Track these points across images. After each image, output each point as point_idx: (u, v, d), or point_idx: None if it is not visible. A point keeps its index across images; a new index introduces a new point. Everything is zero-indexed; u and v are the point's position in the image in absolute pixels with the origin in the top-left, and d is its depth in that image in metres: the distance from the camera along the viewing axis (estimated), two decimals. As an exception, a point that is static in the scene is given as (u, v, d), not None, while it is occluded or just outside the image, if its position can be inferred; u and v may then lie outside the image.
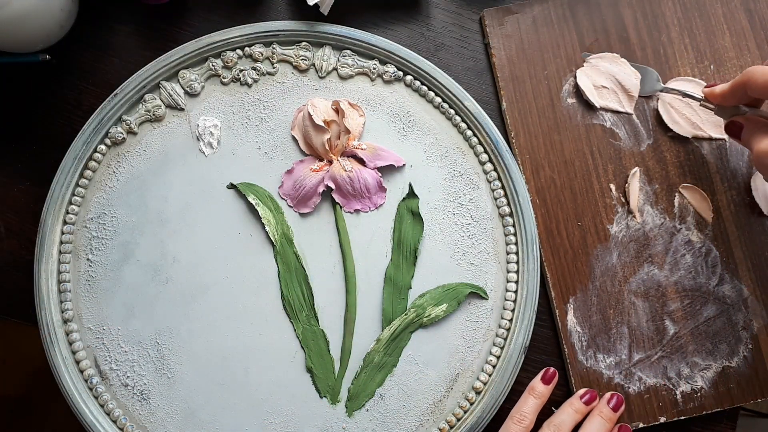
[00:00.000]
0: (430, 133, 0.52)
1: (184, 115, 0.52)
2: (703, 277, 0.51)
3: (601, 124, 0.53)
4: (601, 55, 0.53)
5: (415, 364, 0.50)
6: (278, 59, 0.53)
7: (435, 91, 0.52)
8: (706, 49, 0.54)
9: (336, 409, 0.50)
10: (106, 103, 0.51)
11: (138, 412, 0.49)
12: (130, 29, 0.54)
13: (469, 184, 0.52)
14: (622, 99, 0.52)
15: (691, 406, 0.50)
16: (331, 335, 0.50)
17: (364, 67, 0.53)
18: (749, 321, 0.51)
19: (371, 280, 0.50)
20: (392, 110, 0.52)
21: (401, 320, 0.50)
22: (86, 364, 0.49)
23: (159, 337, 0.50)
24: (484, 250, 0.51)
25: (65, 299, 0.50)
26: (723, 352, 0.50)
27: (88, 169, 0.51)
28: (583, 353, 0.50)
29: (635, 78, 0.52)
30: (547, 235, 0.52)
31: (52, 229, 0.50)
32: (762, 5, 0.54)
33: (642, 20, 0.54)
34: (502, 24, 0.54)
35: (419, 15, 0.55)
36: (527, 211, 0.51)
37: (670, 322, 0.51)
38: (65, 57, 0.53)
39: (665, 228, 0.52)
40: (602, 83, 0.52)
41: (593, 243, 0.52)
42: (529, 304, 0.50)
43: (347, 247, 0.51)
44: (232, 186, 0.51)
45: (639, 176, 0.52)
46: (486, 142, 0.52)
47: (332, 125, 0.51)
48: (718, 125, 0.53)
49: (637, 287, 0.51)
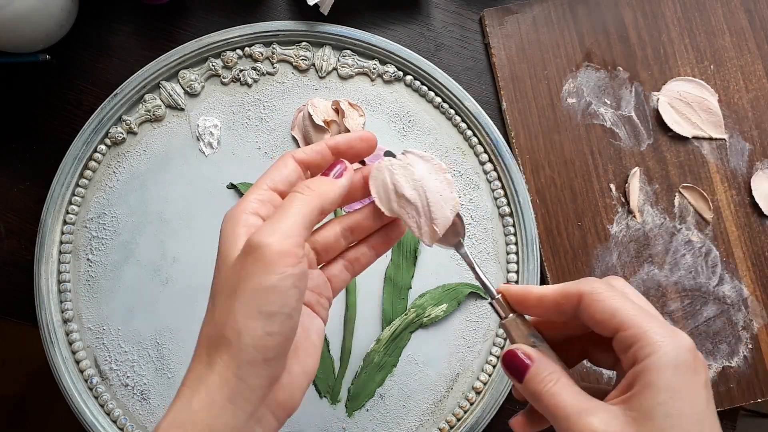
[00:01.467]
0: (430, 133, 0.52)
1: (184, 115, 0.52)
2: (703, 277, 0.51)
3: (601, 124, 0.53)
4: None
5: (415, 364, 0.50)
6: (278, 59, 0.52)
7: (435, 91, 0.52)
8: (707, 49, 0.54)
9: (336, 409, 0.50)
10: (106, 103, 0.51)
11: (138, 412, 0.49)
12: (130, 29, 0.54)
13: (469, 184, 0.52)
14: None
15: (691, 406, 0.50)
16: (331, 335, 0.50)
17: (364, 67, 0.53)
18: (749, 321, 0.51)
19: (371, 280, 0.50)
20: (392, 110, 0.52)
21: (401, 320, 0.50)
22: (86, 364, 0.49)
23: (159, 337, 0.50)
24: (484, 250, 0.51)
25: (65, 299, 0.50)
26: (723, 352, 0.50)
27: (88, 169, 0.51)
28: (583, 353, 0.50)
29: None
30: (547, 235, 0.52)
31: (52, 229, 0.50)
32: (762, 5, 0.54)
33: (642, 20, 0.54)
34: (502, 24, 0.54)
35: (419, 15, 0.55)
36: (527, 211, 0.51)
37: (670, 322, 0.51)
38: (65, 57, 0.53)
39: (665, 228, 0.52)
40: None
41: (593, 243, 0.51)
42: (529, 304, 0.50)
43: (347, 247, 0.51)
44: (232, 186, 0.51)
45: (639, 176, 0.52)
46: (486, 142, 0.52)
47: (332, 125, 0.51)
48: (718, 125, 0.53)
49: (637, 287, 0.51)
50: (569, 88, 0.53)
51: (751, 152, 0.53)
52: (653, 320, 0.27)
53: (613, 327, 0.28)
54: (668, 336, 0.27)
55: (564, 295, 0.30)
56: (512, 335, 0.32)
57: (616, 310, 0.28)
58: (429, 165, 0.35)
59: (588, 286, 0.29)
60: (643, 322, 0.27)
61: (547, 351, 0.31)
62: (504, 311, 0.32)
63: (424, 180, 0.34)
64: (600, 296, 0.29)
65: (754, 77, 0.54)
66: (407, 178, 0.34)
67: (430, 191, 0.34)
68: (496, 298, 0.33)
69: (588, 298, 0.29)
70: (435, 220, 0.34)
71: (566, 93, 0.53)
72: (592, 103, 0.53)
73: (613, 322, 0.28)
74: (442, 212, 0.34)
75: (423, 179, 0.34)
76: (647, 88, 0.53)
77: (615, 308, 0.28)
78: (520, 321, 0.32)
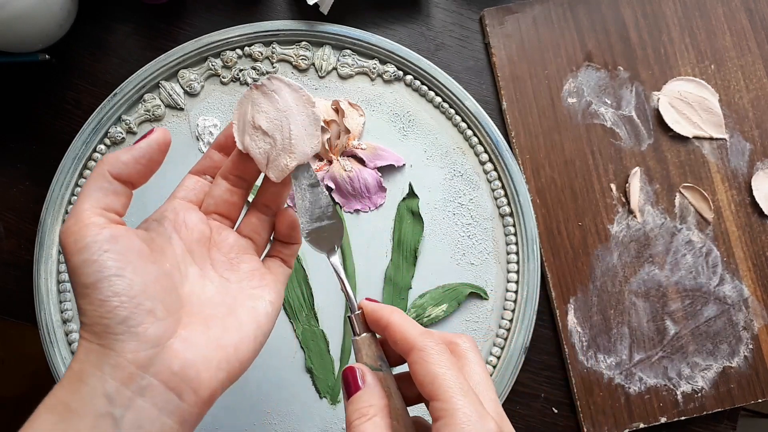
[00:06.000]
0: (430, 133, 0.52)
1: (183, 115, 0.52)
2: (704, 277, 0.51)
3: (601, 124, 0.53)
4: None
5: (415, 364, 0.50)
6: (278, 59, 0.52)
7: (435, 90, 0.52)
8: (707, 49, 0.54)
9: (336, 409, 0.49)
10: (105, 102, 0.51)
11: (138, 412, 0.49)
12: (129, 29, 0.54)
13: (469, 184, 0.52)
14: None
15: (691, 406, 0.50)
16: (331, 335, 0.50)
17: (364, 67, 0.52)
18: (750, 321, 0.51)
19: (371, 280, 0.50)
20: (392, 110, 0.52)
21: (401, 320, 0.50)
22: (86, 364, 0.49)
23: (159, 337, 0.50)
24: (485, 250, 0.51)
25: (65, 299, 0.50)
26: (723, 353, 0.50)
27: (87, 169, 0.51)
28: (583, 353, 0.50)
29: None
30: (547, 235, 0.51)
31: (51, 229, 0.50)
32: (762, 5, 0.54)
33: (642, 20, 0.54)
34: (502, 24, 0.54)
35: (419, 15, 0.55)
36: (527, 211, 0.51)
37: (671, 322, 0.51)
38: (65, 57, 0.53)
39: (666, 228, 0.52)
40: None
41: (594, 243, 0.51)
42: (529, 305, 0.50)
43: (347, 247, 0.51)
44: (231, 186, 0.51)
45: (639, 176, 0.52)
46: (486, 142, 0.51)
47: (332, 125, 0.50)
48: (719, 125, 0.53)
49: (638, 287, 0.51)
50: (569, 88, 0.53)
51: (752, 152, 0.53)
52: (469, 398, 0.27)
53: (429, 393, 0.27)
54: (474, 420, 0.26)
55: (402, 339, 0.29)
56: (361, 354, 0.31)
57: (436, 376, 0.27)
58: (296, 95, 0.32)
59: (422, 342, 0.28)
60: (457, 399, 0.26)
61: (386, 380, 0.30)
62: (359, 328, 0.32)
63: (289, 111, 0.32)
64: (427, 357, 0.28)
65: (754, 77, 0.53)
66: (269, 108, 0.32)
67: (294, 124, 0.32)
68: (356, 313, 0.32)
69: (416, 354, 0.28)
70: (292, 154, 0.32)
71: (567, 93, 0.53)
72: (593, 103, 0.53)
73: (431, 388, 0.27)
74: (301, 147, 0.32)
75: (288, 110, 0.32)
76: (648, 87, 0.53)
77: (435, 374, 0.27)
78: (372, 341, 0.31)
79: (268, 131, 0.32)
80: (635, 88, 0.53)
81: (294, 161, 0.32)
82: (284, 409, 0.49)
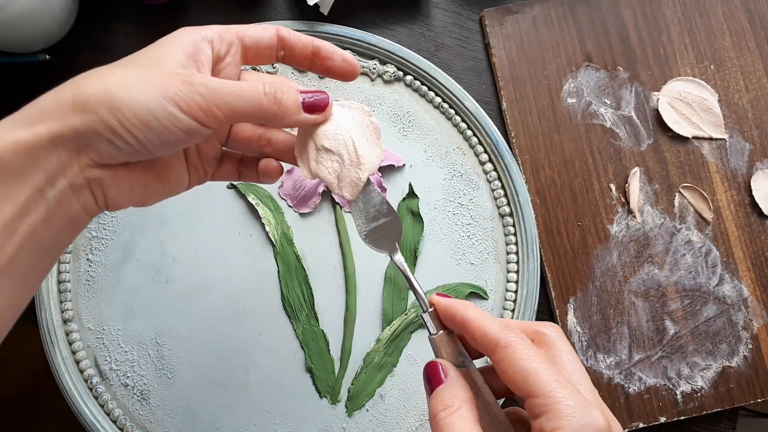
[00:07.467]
0: (430, 133, 0.52)
1: (184, 115, 0.52)
2: (704, 277, 0.51)
3: (601, 124, 0.53)
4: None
5: (415, 364, 0.50)
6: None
7: (435, 91, 0.52)
8: (707, 49, 0.54)
9: (336, 409, 0.49)
10: (106, 103, 0.51)
11: (138, 412, 0.49)
12: (129, 29, 0.54)
13: (469, 184, 0.52)
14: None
15: (691, 406, 0.50)
16: (331, 335, 0.50)
17: (364, 67, 0.52)
18: (749, 321, 0.51)
19: (371, 280, 0.50)
20: (392, 110, 0.52)
21: (401, 320, 0.50)
22: (86, 364, 0.49)
23: (159, 337, 0.50)
24: (484, 250, 0.51)
25: (65, 299, 0.50)
26: (723, 352, 0.50)
27: (88, 169, 0.51)
28: (583, 353, 0.50)
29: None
30: (547, 235, 0.52)
31: (52, 229, 0.50)
32: (762, 5, 0.54)
33: (642, 20, 0.54)
34: (502, 24, 0.54)
35: (419, 15, 0.55)
36: (527, 211, 0.51)
37: (671, 322, 0.51)
38: (65, 57, 0.53)
39: (665, 228, 0.52)
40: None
41: (593, 243, 0.51)
42: (529, 304, 0.50)
43: (347, 247, 0.51)
44: (232, 186, 0.51)
45: (639, 176, 0.52)
46: (486, 142, 0.52)
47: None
48: (718, 125, 0.53)
49: (638, 287, 0.51)
50: (569, 88, 0.53)
51: (751, 152, 0.53)
52: (568, 390, 0.25)
53: (523, 390, 0.25)
54: (579, 412, 0.24)
55: (482, 337, 0.27)
56: (440, 352, 0.30)
57: (528, 372, 0.25)
58: (351, 111, 0.32)
59: (506, 338, 0.26)
60: (556, 392, 0.25)
61: (472, 375, 0.29)
62: (434, 326, 0.30)
63: (347, 126, 0.32)
64: (515, 353, 0.26)
65: (754, 77, 0.54)
66: (327, 127, 0.32)
67: (356, 136, 0.32)
68: (428, 311, 0.31)
69: (502, 352, 0.26)
70: (361, 165, 0.32)
71: (566, 93, 0.53)
72: (592, 103, 0.53)
73: (524, 385, 0.25)
74: (368, 158, 0.32)
75: (346, 125, 0.32)
76: (647, 88, 0.53)
77: (527, 370, 0.25)
78: (450, 338, 0.30)
79: (332, 149, 0.32)
80: (635, 88, 0.53)
81: (365, 172, 0.32)
82: (284, 409, 0.49)
